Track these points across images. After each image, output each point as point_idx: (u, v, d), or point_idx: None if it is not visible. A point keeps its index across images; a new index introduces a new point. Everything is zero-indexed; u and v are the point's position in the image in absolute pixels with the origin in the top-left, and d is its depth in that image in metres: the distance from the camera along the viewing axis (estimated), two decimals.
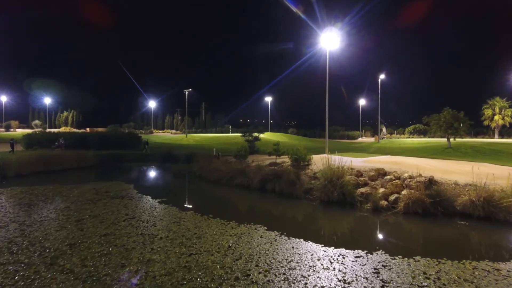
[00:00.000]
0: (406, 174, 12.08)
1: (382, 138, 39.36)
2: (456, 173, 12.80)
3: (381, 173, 12.82)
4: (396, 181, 11.71)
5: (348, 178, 11.96)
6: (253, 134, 23.87)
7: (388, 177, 12.27)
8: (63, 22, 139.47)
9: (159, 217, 9.55)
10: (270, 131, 64.87)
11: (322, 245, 7.30)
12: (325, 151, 19.10)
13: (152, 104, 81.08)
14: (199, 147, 35.03)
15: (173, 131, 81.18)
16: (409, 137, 51.73)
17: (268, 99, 68.87)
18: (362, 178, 12.53)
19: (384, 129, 43.57)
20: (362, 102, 61.34)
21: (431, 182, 11.36)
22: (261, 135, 25.36)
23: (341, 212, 10.66)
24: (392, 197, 10.83)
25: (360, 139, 54.75)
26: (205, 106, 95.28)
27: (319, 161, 15.17)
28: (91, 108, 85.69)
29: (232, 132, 68.64)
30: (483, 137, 43.64)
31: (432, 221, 9.43)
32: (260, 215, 10.75)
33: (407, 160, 14.68)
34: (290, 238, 7.72)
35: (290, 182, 13.06)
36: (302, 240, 7.60)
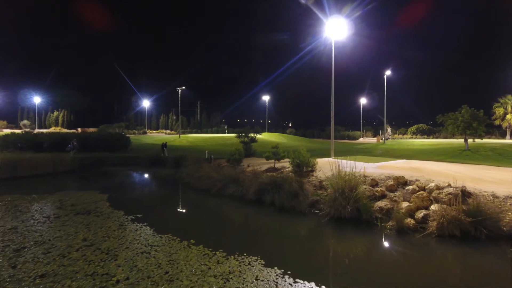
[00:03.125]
0: (432, 184, 10.02)
1: (387, 139, 37.28)
2: (489, 181, 10.79)
3: (400, 182, 10.75)
4: (421, 192, 9.64)
5: (362, 189, 9.87)
6: (249, 134, 21.71)
7: (411, 187, 10.20)
8: (54, 18, 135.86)
9: (125, 244, 7.38)
10: (268, 131, 62.82)
11: None
12: (330, 154, 17.00)
13: (146, 103, 78.62)
14: (192, 148, 32.85)
15: (168, 131, 78.63)
16: (412, 137, 49.86)
17: (266, 97, 66.73)
18: (378, 189, 10.44)
19: (389, 129, 41.41)
20: (363, 101, 59.40)
21: (464, 194, 9.30)
22: (258, 136, 23.28)
23: (357, 234, 8.55)
24: (420, 214, 8.74)
25: (361, 140, 52.74)
26: (201, 105, 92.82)
27: (325, 167, 13.10)
28: (83, 108, 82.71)
29: (228, 132, 66.50)
30: (489, 138, 41.80)
31: (476, 248, 7.36)
32: (256, 240, 8.57)
33: (427, 166, 12.62)
34: (297, 281, 5.59)
35: (292, 193, 10.94)
36: (313, 285, 5.47)
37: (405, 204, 9.30)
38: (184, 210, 11.68)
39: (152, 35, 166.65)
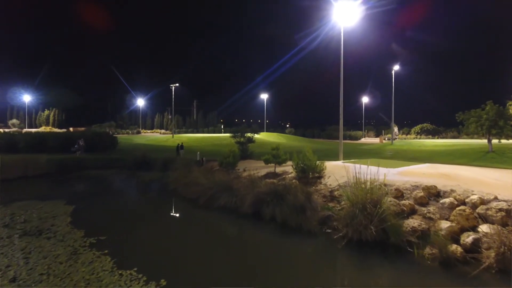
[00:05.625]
0: (474, 197, 7.92)
1: (394, 139, 35.23)
2: None
3: (432, 194, 8.64)
4: (463, 208, 7.54)
5: (388, 203, 7.77)
6: (245, 134, 19.53)
7: (447, 200, 8.10)
8: (46, 15, 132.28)
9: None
10: (266, 131, 60.67)
11: None
12: (339, 156, 14.88)
13: (140, 102, 76.08)
14: (186, 149, 30.62)
15: (163, 131, 76.22)
16: (416, 137, 47.93)
17: (264, 96, 64.56)
18: (406, 202, 8.34)
19: (396, 129, 39.32)
20: (364, 99, 57.42)
21: None
22: (256, 136, 21.07)
23: (387, 268, 6.45)
24: (467, 239, 6.65)
25: (363, 140, 50.73)
26: (197, 104, 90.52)
27: (335, 172, 11.03)
28: (75, 107, 79.96)
29: (225, 132, 64.27)
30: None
31: None
32: (252, 277, 6.41)
33: (459, 171, 10.54)
34: None
35: (298, 206, 8.81)
36: None
37: (445, 224, 7.20)
38: (161, 230, 9.29)
39: (147, 32, 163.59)
